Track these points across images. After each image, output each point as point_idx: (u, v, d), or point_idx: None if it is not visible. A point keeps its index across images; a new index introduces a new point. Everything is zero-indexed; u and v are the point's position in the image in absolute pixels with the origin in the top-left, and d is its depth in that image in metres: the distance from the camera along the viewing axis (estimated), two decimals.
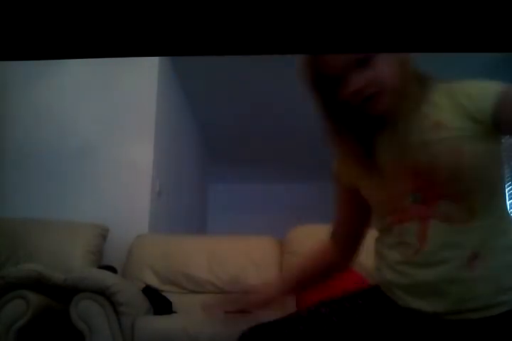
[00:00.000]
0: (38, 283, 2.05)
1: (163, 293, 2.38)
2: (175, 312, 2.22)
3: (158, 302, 2.22)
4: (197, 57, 3.21)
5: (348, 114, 1.13)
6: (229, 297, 1.27)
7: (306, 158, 5.35)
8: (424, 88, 1.11)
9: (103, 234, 2.74)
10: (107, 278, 2.01)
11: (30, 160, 3.07)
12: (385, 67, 1.08)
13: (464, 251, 1.04)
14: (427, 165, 1.06)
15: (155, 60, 3.27)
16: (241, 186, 6.50)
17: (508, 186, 4.56)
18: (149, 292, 2.28)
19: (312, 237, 1.62)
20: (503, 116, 1.03)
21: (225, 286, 2.49)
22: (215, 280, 2.52)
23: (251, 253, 2.59)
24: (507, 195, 4.65)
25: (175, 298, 2.33)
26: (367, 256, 1.26)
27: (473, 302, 1.03)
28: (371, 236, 1.23)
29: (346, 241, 1.29)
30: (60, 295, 2.08)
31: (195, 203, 4.81)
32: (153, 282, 2.53)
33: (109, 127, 3.15)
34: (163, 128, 3.39)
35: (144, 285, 2.40)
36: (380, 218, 1.17)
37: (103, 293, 1.94)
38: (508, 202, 1.15)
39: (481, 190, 1.06)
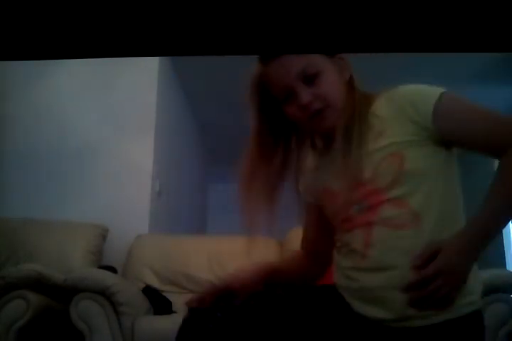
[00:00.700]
0: (38, 283, 2.05)
1: (163, 293, 2.37)
2: (175, 312, 2.22)
3: (158, 302, 2.22)
4: (197, 57, 3.21)
5: (293, 130, 1.18)
6: (208, 289, 1.23)
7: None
8: (367, 101, 1.14)
9: (103, 234, 2.74)
10: (107, 278, 2.01)
11: (30, 160, 3.07)
12: (330, 84, 1.14)
13: (409, 256, 1.02)
14: (370, 174, 1.07)
15: (155, 60, 3.27)
16: None
17: None
18: (149, 292, 2.28)
19: None
20: (440, 124, 1.05)
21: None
22: (215, 280, 2.52)
23: (251, 254, 2.59)
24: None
25: (175, 298, 2.33)
26: None
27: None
28: None
29: (316, 256, 1.30)
30: (60, 295, 2.08)
31: (195, 203, 4.81)
32: (153, 282, 2.53)
33: (109, 127, 3.15)
34: (163, 129, 3.39)
35: (144, 285, 2.40)
36: (336, 229, 1.18)
37: (103, 293, 1.94)
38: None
39: (424, 194, 1.05)
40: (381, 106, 1.12)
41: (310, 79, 1.12)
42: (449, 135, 1.07)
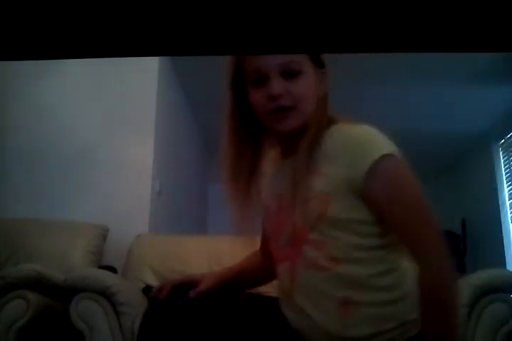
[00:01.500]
0: (38, 283, 2.05)
1: None
2: None
3: None
4: (197, 57, 3.21)
5: (254, 125, 1.13)
6: (166, 281, 1.23)
7: None
8: (328, 127, 1.08)
9: (103, 234, 2.74)
10: (107, 278, 2.01)
11: (30, 160, 3.07)
12: (307, 87, 1.08)
13: (333, 297, 1.01)
14: (298, 209, 1.04)
15: (155, 60, 3.27)
16: None
17: (509, 186, 4.56)
18: (149, 292, 2.27)
19: None
20: (367, 193, 1.01)
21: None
22: None
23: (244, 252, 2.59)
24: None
25: None
26: None
27: None
28: None
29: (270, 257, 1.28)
30: (60, 295, 2.08)
31: (195, 203, 4.81)
32: (153, 282, 2.52)
33: (109, 127, 3.15)
34: (163, 129, 3.39)
35: (144, 285, 2.40)
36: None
37: (103, 293, 1.94)
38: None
39: (342, 241, 1.02)
40: (330, 140, 1.05)
41: (290, 74, 1.06)
42: (372, 206, 1.02)
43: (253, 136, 1.16)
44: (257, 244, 1.36)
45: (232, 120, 1.15)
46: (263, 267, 1.30)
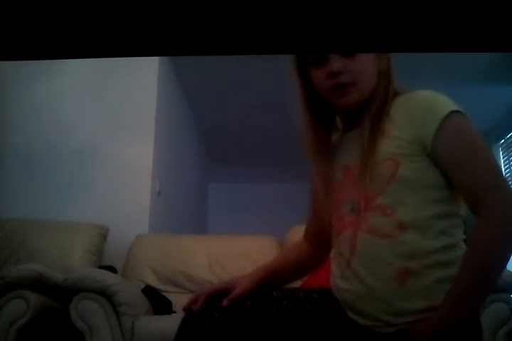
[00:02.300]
0: (38, 283, 2.05)
1: (163, 293, 2.37)
2: (175, 312, 2.22)
3: (158, 302, 2.22)
4: (197, 57, 3.21)
5: (319, 102, 1.16)
6: (200, 290, 1.22)
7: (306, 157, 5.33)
8: (389, 99, 1.11)
9: (103, 234, 2.74)
10: (107, 278, 2.01)
11: (30, 160, 3.07)
12: (366, 63, 1.12)
13: (392, 266, 1.01)
14: (368, 173, 1.05)
15: (155, 60, 3.27)
16: (241, 186, 6.49)
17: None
18: (149, 292, 2.28)
19: None
20: (437, 149, 1.02)
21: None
22: (215, 280, 2.52)
23: (251, 253, 2.59)
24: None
25: (175, 297, 2.33)
26: None
27: (407, 317, 1.00)
28: None
29: (318, 238, 1.28)
30: (60, 295, 2.08)
31: (195, 203, 4.81)
32: (153, 282, 2.53)
33: (109, 127, 3.15)
34: (163, 128, 3.39)
35: (144, 285, 2.40)
36: (332, 230, 1.17)
37: (103, 293, 1.94)
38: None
39: (411, 206, 1.03)
40: (395, 108, 1.09)
41: None
42: (441, 164, 1.04)
43: (326, 116, 1.20)
44: (258, 245, 1.35)
45: (305, 104, 1.18)
46: (302, 258, 1.30)
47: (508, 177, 4.57)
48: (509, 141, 4.51)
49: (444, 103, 1.06)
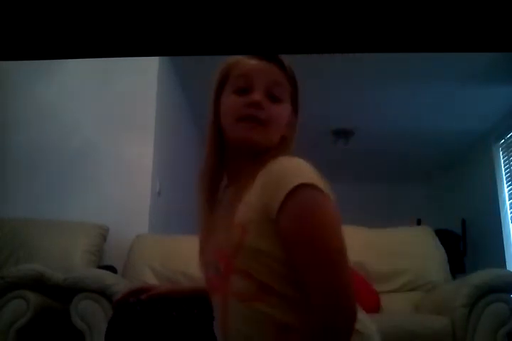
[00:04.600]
0: (38, 283, 2.05)
1: None
2: None
3: None
4: (197, 57, 3.21)
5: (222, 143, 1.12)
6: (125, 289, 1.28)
7: (305, 157, 5.34)
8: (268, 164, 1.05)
9: (103, 234, 2.74)
10: (107, 277, 2.01)
11: (30, 160, 3.07)
12: (284, 117, 1.09)
13: (267, 327, 0.97)
14: (224, 236, 1.03)
15: (155, 60, 3.27)
16: None
17: (509, 186, 4.56)
18: None
19: None
20: (279, 226, 0.95)
21: None
22: None
23: None
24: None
25: None
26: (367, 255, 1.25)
27: None
28: (371, 233, 1.22)
29: None
30: (60, 295, 2.08)
31: (195, 203, 4.80)
32: (153, 282, 2.52)
33: (109, 127, 3.15)
34: (163, 128, 3.39)
35: None
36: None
37: (103, 293, 1.94)
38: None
39: (266, 268, 0.98)
40: (260, 175, 1.02)
41: (273, 97, 1.07)
42: (281, 239, 0.97)
43: (222, 163, 1.18)
44: None
45: (213, 141, 1.16)
46: None
47: (508, 177, 4.57)
48: (509, 141, 4.51)
49: (295, 176, 0.97)
